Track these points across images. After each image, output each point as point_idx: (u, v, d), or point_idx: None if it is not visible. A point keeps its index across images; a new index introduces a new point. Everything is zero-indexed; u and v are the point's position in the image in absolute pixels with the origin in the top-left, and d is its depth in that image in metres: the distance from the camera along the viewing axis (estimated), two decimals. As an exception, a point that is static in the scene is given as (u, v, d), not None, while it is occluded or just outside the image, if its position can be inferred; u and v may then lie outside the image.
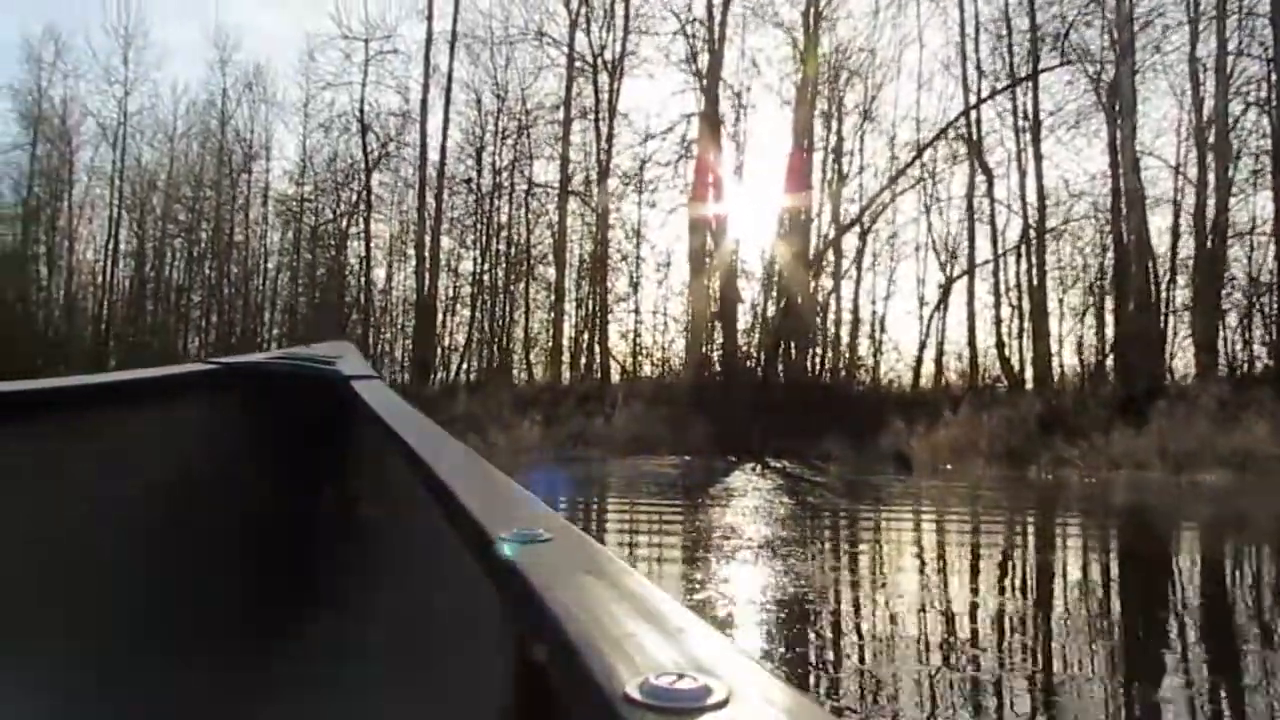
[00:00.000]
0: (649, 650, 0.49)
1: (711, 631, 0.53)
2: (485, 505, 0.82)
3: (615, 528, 8.36)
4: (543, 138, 25.51)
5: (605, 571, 0.63)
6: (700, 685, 0.44)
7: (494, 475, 1.01)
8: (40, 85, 34.26)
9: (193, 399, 1.81)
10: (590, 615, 0.55)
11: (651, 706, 0.43)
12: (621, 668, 0.47)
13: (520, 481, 0.97)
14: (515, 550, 0.68)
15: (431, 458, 1.06)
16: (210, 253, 32.01)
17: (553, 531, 0.72)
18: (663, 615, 0.55)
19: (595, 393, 20.72)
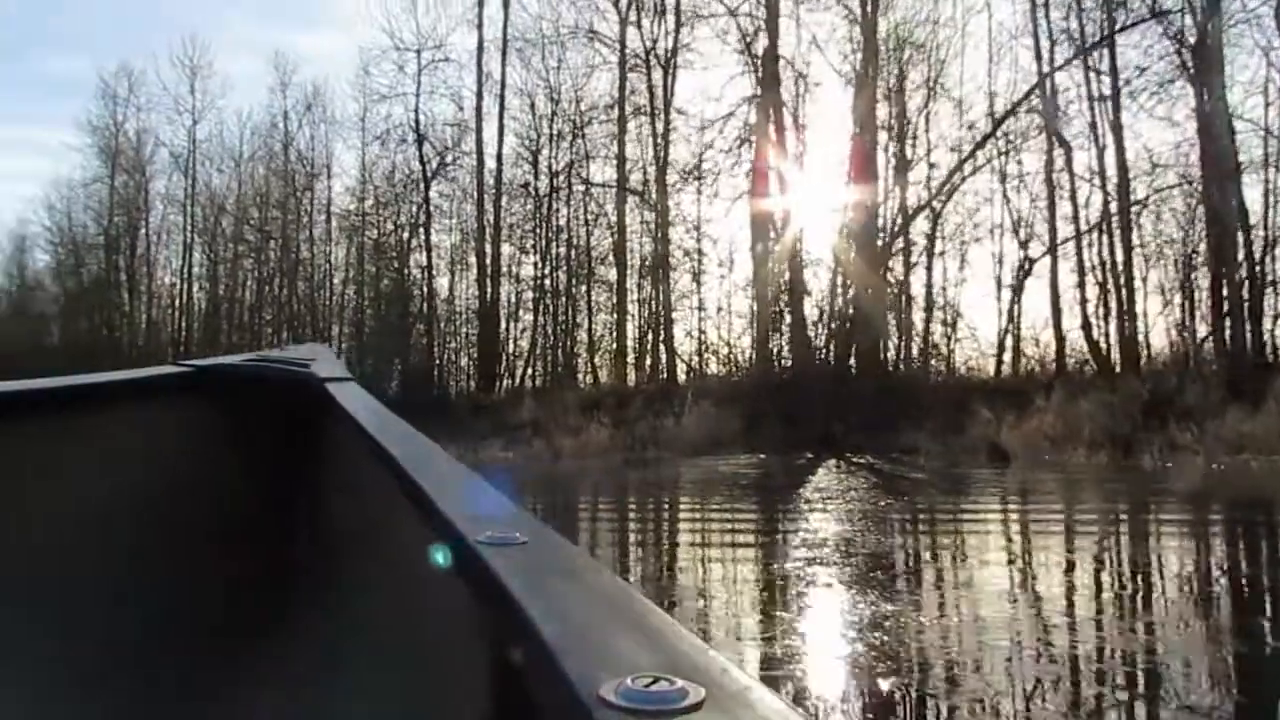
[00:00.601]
0: (625, 653, 0.49)
1: (687, 634, 0.52)
2: (461, 508, 0.81)
3: (719, 540, 7.32)
4: (598, 137, 24.75)
5: (580, 574, 0.63)
6: (676, 687, 0.43)
7: (470, 478, 0.99)
8: (116, 119, 34.92)
9: (166, 401, 1.75)
10: (566, 618, 0.54)
11: (627, 709, 0.42)
12: (597, 670, 0.46)
13: (588, 488, 0.95)
14: (491, 553, 0.66)
15: (407, 460, 1.04)
16: (279, 271, 32.00)
17: (528, 534, 0.71)
18: (639, 617, 0.55)
19: (662, 393, 19.82)
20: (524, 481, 13.51)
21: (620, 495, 11.57)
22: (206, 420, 1.79)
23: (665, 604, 4.17)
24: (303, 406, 1.72)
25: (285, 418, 1.81)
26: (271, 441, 1.82)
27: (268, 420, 1.83)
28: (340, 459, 1.62)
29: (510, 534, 0.71)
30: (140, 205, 35.10)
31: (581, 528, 7.99)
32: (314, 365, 1.86)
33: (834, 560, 5.52)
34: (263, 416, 1.83)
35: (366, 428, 1.29)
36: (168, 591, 1.55)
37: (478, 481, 0.98)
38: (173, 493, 1.65)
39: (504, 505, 0.86)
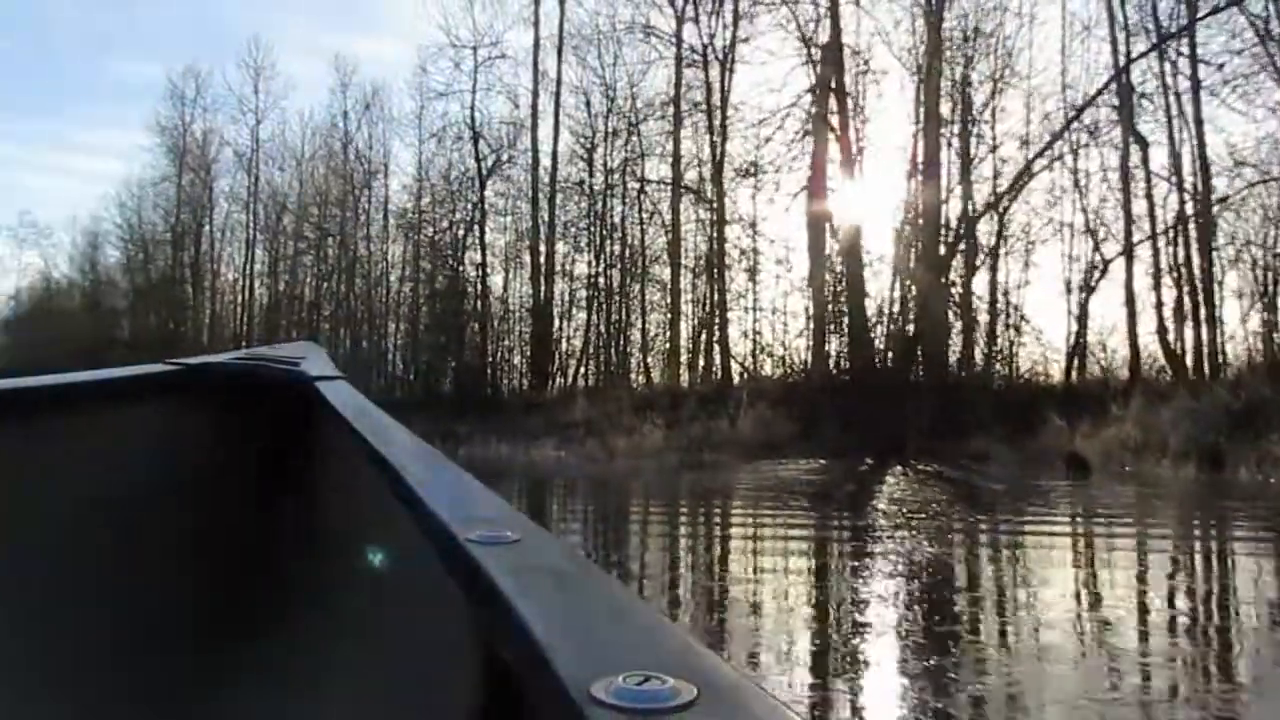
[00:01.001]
0: (616, 651, 0.49)
1: (679, 632, 0.52)
2: (452, 507, 0.80)
3: (799, 564, 6.29)
4: (653, 135, 24.24)
5: (572, 573, 0.63)
6: (667, 686, 0.43)
7: (461, 477, 0.98)
8: (184, 120, 35.51)
9: (152, 400, 1.69)
10: (557, 617, 0.54)
11: (618, 708, 0.42)
12: (589, 669, 0.45)
13: (644, 492, 0.95)
14: (482, 552, 0.66)
15: (397, 459, 1.03)
16: (337, 268, 32.08)
17: (519, 533, 0.70)
18: (630, 616, 0.55)
19: (717, 394, 19.22)
20: (574, 481, 12.92)
21: (678, 502, 10.95)
22: (195, 419, 1.75)
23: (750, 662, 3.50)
24: (293, 405, 1.69)
25: (275, 416, 1.75)
26: (261, 440, 1.77)
27: (257, 419, 1.77)
28: (330, 458, 1.59)
29: (501, 533, 0.70)
30: (205, 203, 35.65)
31: (638, 547, 7.25)
32: (304, 363, 1.81)
33: (944, 602, 4.66)
34: (252, 415, 1.77)
35: (357, 426, 1.27)
36: (156, 591, 1.52)
37: (469, 480, 0.97)
38: (161, 491, 1.62)
39: (495, 504, 0.85)
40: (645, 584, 5.25)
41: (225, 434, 1.76)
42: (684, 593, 5.27)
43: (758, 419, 16.36)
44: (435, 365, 26.98)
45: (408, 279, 29.85)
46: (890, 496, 10.27)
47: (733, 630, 4.18)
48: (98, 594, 1.44)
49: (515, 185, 26.26)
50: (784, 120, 20.59)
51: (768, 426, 16.25)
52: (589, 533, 7.83)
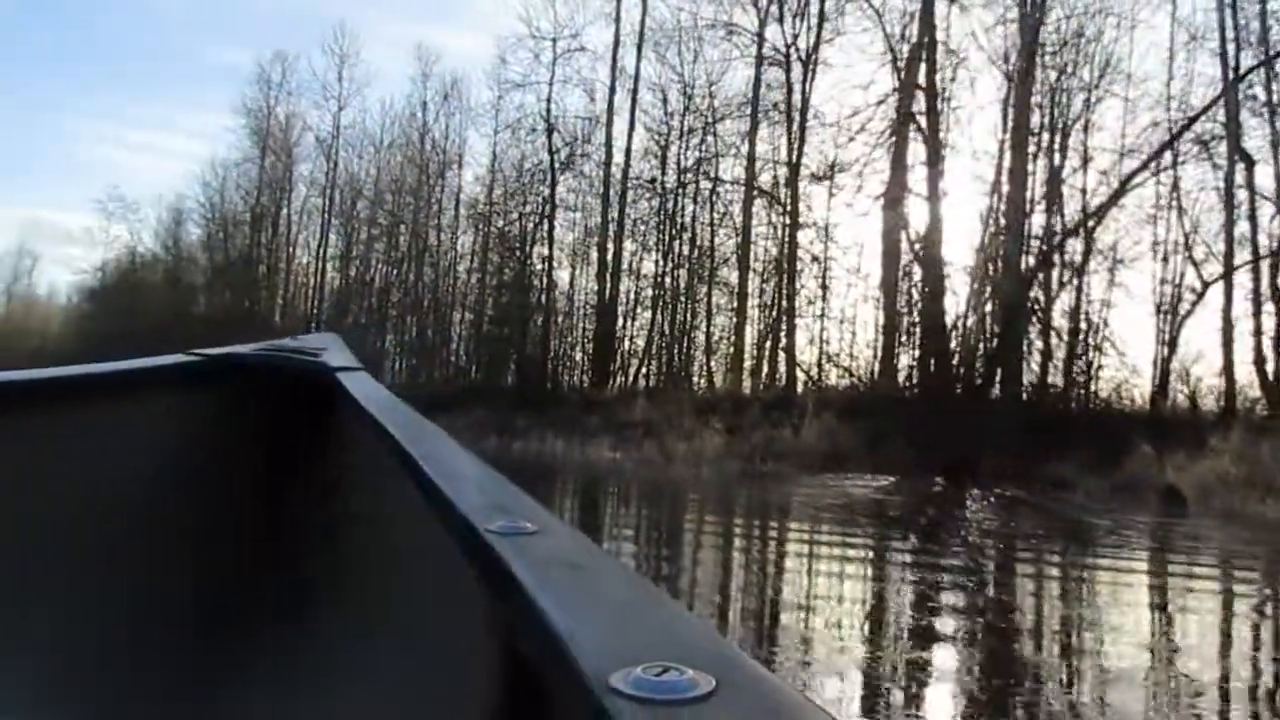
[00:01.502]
0: (635, 642, 0.48)
1: (698, 623, 0.51)
2: (471, 498, 0.80)
3: (900, 625, 4.70)
4: (729, 135, 23.62)
5: (591, 564, 0.63)
6: (687, 677, 0.43)
7: (481, 468, 0.97)
8: (269, 104, 36.05)
9: (174, 391, 1.69)
10: (576, 607, 0.53)
11: (638, 699, 0.42)
12: (607, 660, 0.45)
13: (702, 503, 0.94)
14: (501, 543, 0.65)
15: (418, 451, 1.01)
16: (408, 256, 32.11)
17: (539, 524, 0.69)
18: (649, 606, 0.55)
19: (780, 402, 18.51)
20: (628, 483, 12.35)
21: (740, 518, 9.93)
22: (216, 409, 1.76)
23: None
24: (313, 396, 1.70)
25: (295, 407, 1.76)
26: (282, 431, 1.77)
27: (278, 409, 1.78)
28: (350, 448, 1.58)
29: (520, 523, 0.69)
30: (285, 186, 36.10)
31: (698, 576, 6.15)
32: (325, 354, 1.80)
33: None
34: (273, 406, 1.78)
35: (377, 417, 1.24)
36: (176, 582, 1.52)
37: (489, 471, 0.96)
38: (183, 481, 1.63)
39: (514, 495, 0.83)
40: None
41: (247, 424, 1.75)
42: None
43: (822, 429, 15.64)
44: (497, 357, 26.74)
45: (475, 270, 29.74)
46: (980, 527, 9.35)
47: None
48: (117, 583, 1.43)
49: (587, 180, 25.91)
50: (868, 121, 19.77)
51: (832, 438, 15.52)
52: (640, 555, 6.65)
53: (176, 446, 1.66)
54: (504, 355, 26.49)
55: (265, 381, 1.76)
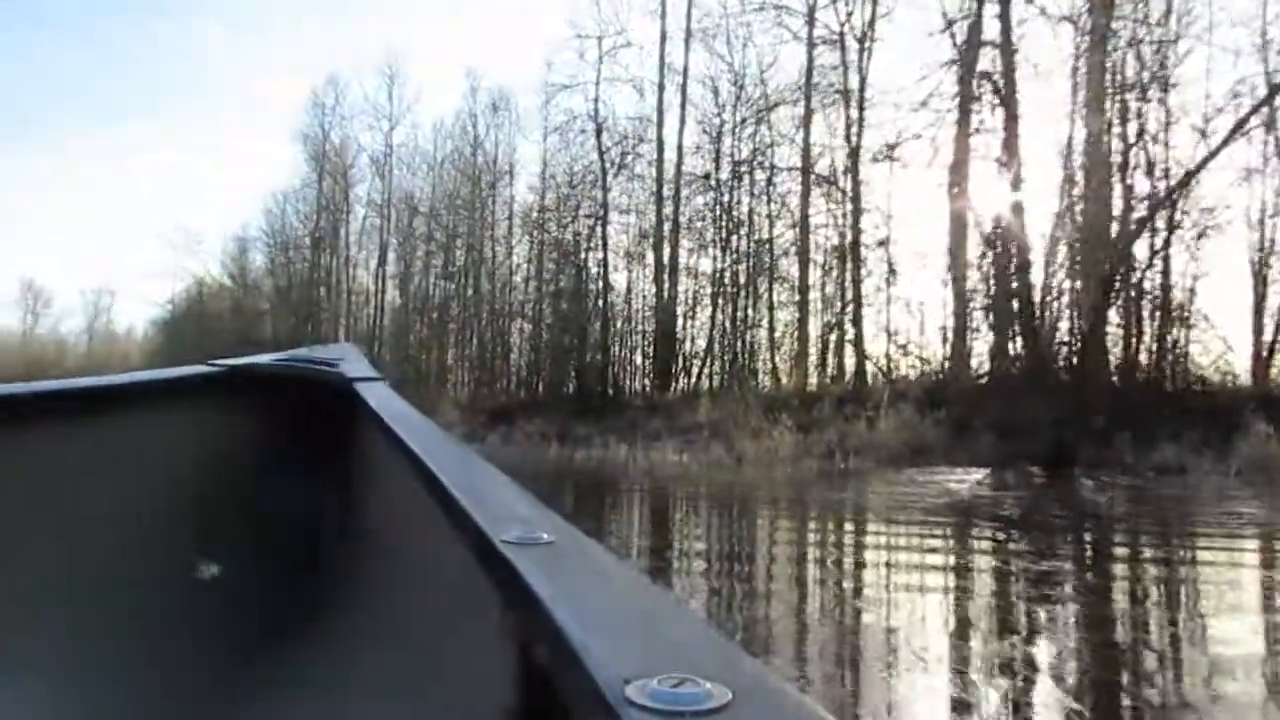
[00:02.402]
0: (651, 653, 0.48)
1: (715, 634, 0.51)
2: (487, 508, 0.80)
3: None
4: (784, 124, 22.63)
5: (606, 574, 0.62)
6: (703, 689, 0.42)
7: (496, 478, 0.98)
8: (323, 128, 36.26)
9: (195, 401, 1.72)
10: (591, 618, 0.53)
11: (653, 709, 0.41)
12: (623, 670, 0.45)
13: (786, 511, 0.87)
14: (516, 553, 0.65)
15: (434, 460, 1.03)
16: (464, 270, 31.84)
17: (554, 534, 0.70)
18: (665, 617, 0.54)
19: (852, 396, 17.47)
20: (697, 489, 11.48)
21: (835, 525, 8.40)
22: (235, 419, 1.76)
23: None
24: (330, 406, 1.70)
25: (313, 417, 1.76)
26: (299, 441, 1.76)
27: (295, 420, 1.77)
28: (367, 459, 1.58)
29: (535, 533, 0.69)
30: (342, 207, 36.22)
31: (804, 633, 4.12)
32: (342, 365, 1.82)
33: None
34: (291, 416, 1.77)
35: (393, 428, 1.27)
36: (194, 591, 1.51)
37: (504, 481, 0.96)
38: (201, 491, 1.63)
39: (529, 505, 0.83)
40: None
41: (264, 434, 1.75)
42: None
43: (899, 422, 14.61)
44: (558, 366, 26.15)
45: (531, 279, 29.25)
46: (1131, 525, 7.92)
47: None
48: (135, 591, 1.42)
49: (639, 179, 25.17)
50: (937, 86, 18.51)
51: (911, 430, 14.48)
52: (722, 589, 4.99)
53: (196, 455, 1.66)
54: (564, 363, 25.87)
55: (284, 391, 1.75)
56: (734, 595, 4.86)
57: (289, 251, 37.47)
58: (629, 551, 6.11)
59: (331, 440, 1.71)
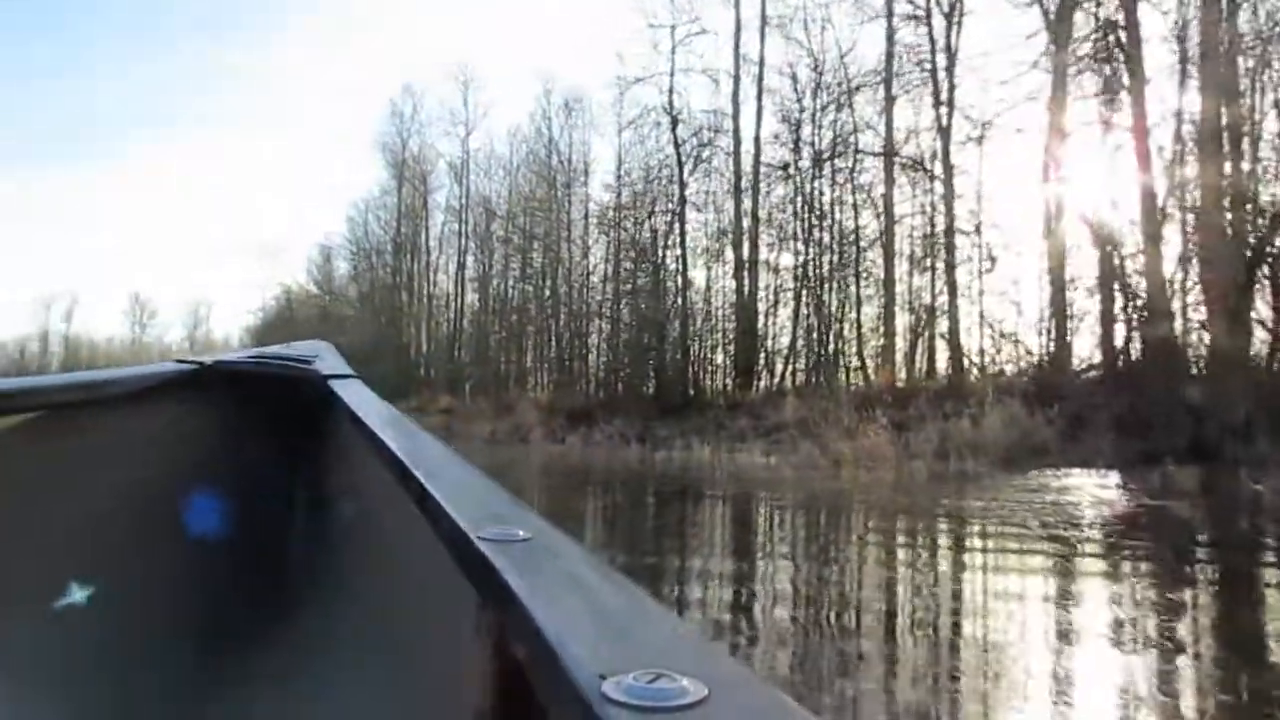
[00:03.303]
0: (627, 649, 0.48)
1: (691, 630, 0.51)
2: (463, 505, 0.78)
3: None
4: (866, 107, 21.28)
5: (583, 571, 0.62)
6: (678, 684, 0.42)
7: (473, 475, 0.95)
8: (402, 136, 36.41)
9: (169, 398, 1.66)
10: (568, 614, 0.53)
11: (631, 706, 0.41)
12: (600, 666, 0.44)
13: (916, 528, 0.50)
14: (493, 550, 0.64)
15: (410, 457, 1.00)
16: (541, 272, 31.37)
17: (530, 531, 0.69)
18: (641, 614, 0.54)
19: (949, 392, 16.11)
20: (794, 498, 10.35)
21: (982, 553, 6.35)
22: (208, 417, 1.72)
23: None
24: (305, 403, 1.67)
25: (287, 415, 1.73)
26: (273, 439, 1.73)
27: (270, 417, 1.74)
28: (342, 456, 1.56)
29: (512, 530, 0.68)
30: (422, 213, 36.22)
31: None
32: (317, 362, 1.76)
33: None
34: (265, 413, 1.74)
35: (369, 425, 1.24)
36: (168, 589, 1.49)
37: (481, 478, 0.93)
38: (173, 489, 1.58)
39: (505, 502, 0.82)
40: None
41: (238, 432, 1.72)
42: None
43: (1007, 419, 13.24)
44: (636, 365, 25.30)
45: (609, 279, 28.51)
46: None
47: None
48: (111, 590, 1.39)
49: (716, 171, 24.12)
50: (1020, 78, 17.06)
51: (1019, 427, 13.13)
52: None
53: (168, 452, 1.62)
54: (643, 363, 25.00)
55: (258, 389, 1.71)
56: (892, 674, 3.27)
57: (371, 258, 37.69)
58: (721, 588, 4.89)
59: (306, 437, 1.68)
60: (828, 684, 3.11)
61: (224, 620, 1.46)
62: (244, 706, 1.30)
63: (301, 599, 1.49)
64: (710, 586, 4.92)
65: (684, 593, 4.67)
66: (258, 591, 1.52)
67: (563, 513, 7.84)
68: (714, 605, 4.48)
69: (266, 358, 1.79)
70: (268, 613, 1.48)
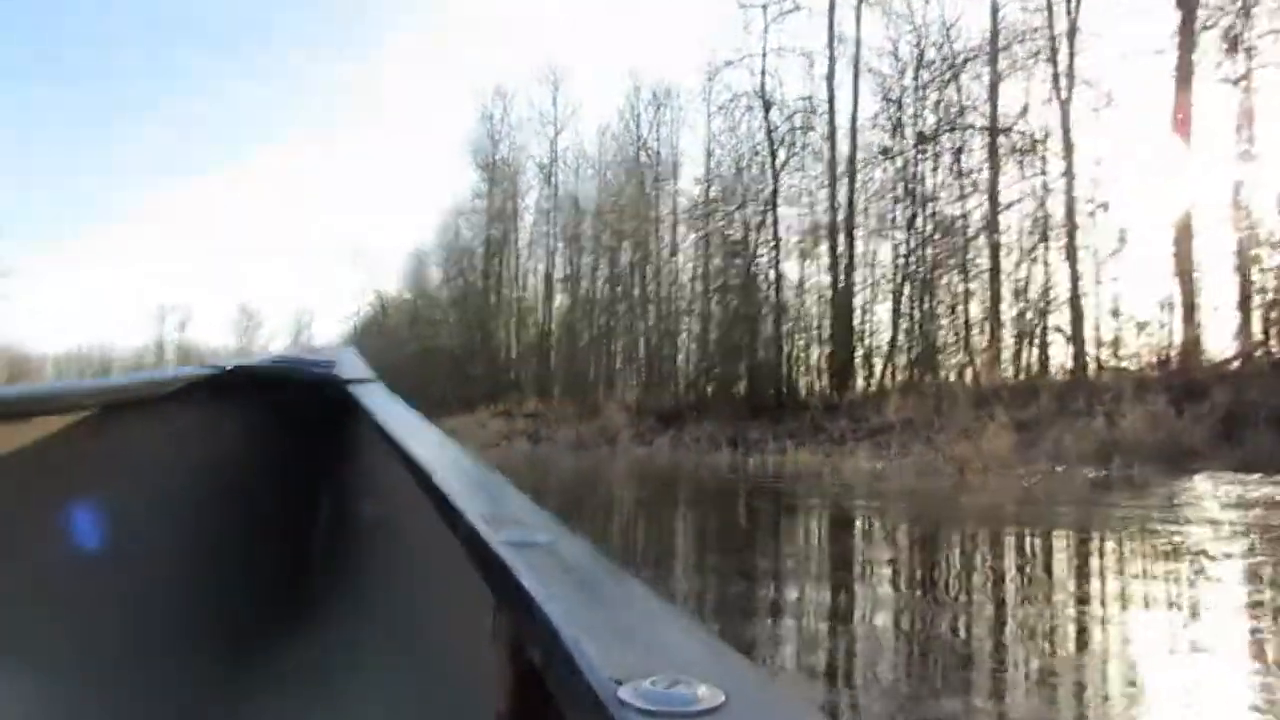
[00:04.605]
0: (644, 654, 0.47)
1: (708, 636, 0.50)
2: (482, 508, 0.78)
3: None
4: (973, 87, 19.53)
5: (601, 575, 0.62)
6: (696, 690, 0.42)
7: (491, 478, 0.95)
8: (493, 139, 36.16)
9: (193, 402, 1.66)
10: (585, 619, 0.52)
11: (646, 711, 0.41)
12: (616, 671, 0.44)
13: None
14: (511, 554, 0.64)
15: (429, 460, 1.00)
16: (631, 270, 30.51)
17: (548, 535, 0.69)
18: (658, 619, 0.54)
19: (1074, 388, 14.41)
20: (924, 515, 8.80)
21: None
22: (230, 421, 1.72)
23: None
24: (326, 407, 1.68)
25: (309, 418, 1.73)
26: (295, 442, 1.74)
27: (291, 421, 1.74)
28: (363, 459, 1.56)
29: (531, 535, 0.68)
30: (511, 215, 35.88)
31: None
32: (337, 366, 1.78)
33: None
34: (286, 417, 1.74)
35: (388, 428, 1.24)
36: (190, 590, 1.49)
37: (499, 481, 0.94)
38: (196, 492, 1.59)
39: (525, 506, 0.81)
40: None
41: (260, 436, 1.72)
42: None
43: (1150, 418, 11.55)
44: (727, 365, 24.05)
45: (698, 277, 27.38)
46: None
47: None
48: (136, 591, 1.41)
49: (812, 155, 22.65)
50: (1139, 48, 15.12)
51: (1165, 427, 11.41)
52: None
53: (191, 455, 1.63)
54: (734, 362, 23.74)
55: (279, 393, 1.73)
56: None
57: (462, 262, 37.55)
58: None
59: (326, 441, 1.70)
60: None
61: (245, 621, 1.46)
62: (264, 706, 1.29)
63: (322, 600, 1.50)
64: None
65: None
66: (278, 592, 1.53)
67: (645, 549, 5.70)
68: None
69: (288, 362, 1.80)
70: (288, 613, 1.48)
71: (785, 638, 3.32)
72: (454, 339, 36.67)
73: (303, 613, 1.49)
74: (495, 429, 26.26)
